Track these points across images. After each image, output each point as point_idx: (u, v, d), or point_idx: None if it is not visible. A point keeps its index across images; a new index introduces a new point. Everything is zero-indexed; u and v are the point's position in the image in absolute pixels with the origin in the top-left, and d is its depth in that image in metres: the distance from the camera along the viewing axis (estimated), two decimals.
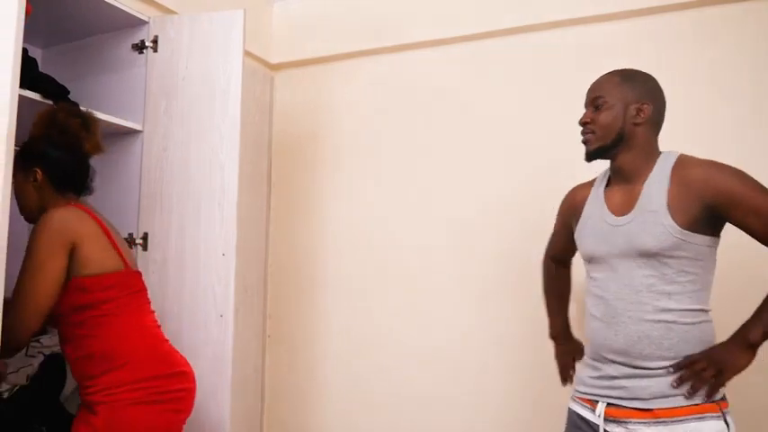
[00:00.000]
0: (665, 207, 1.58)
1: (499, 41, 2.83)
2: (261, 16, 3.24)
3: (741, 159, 1.55)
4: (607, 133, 1.69)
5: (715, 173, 1.57)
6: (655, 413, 1.54)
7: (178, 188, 2.38)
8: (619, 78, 1.71)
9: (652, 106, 1.68)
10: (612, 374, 1.63)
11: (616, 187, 1.74)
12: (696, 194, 1.56)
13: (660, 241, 1.57)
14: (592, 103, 1.73)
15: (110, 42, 2.56)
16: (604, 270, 1.69)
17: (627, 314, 1.61)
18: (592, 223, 1.76)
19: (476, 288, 2.79)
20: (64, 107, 1.98)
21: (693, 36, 2.46)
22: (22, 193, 1.90)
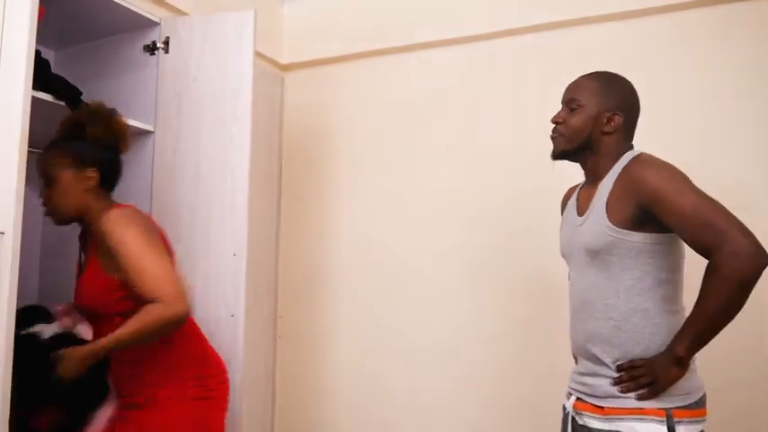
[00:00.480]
0: (603, 206, 1.60)
1: (509, 41, 2.82)
2: (271, 17, 3.25)
3: (743, 159, 1.53)
4: (574, 137, 1.70)
5: (648, 171, 1.54)
6: (605, 411, 1.57)
7: (189, 189, 2.39)
8: (597, 84, 1.71)
9: (623, 117, 1.68)
10: (581, 370, 1.68)
11: (585, 187, 1.77)
12: (630, 192, 1.55)
13: (597, 240, 1.59)
14: (567, 104, 1.73)
15: (121, 44, 2.57)
16: (571, 269, 1.75)
17: (583, 312, 1.65)
18: (565, 223, 1.81)
19: (487, 289, 2.79)
20: (104, 107, 1.95)
21: (695, 36, 2.44)
22: (65, 194, 1.83)
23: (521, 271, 2.70)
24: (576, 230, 1.70)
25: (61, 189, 1.82)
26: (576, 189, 1.86)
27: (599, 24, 2.60)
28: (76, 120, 1.89)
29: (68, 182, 1.83)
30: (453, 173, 2.91)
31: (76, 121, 1.88)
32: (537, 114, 2.69)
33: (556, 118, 1.74)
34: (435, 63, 2.98)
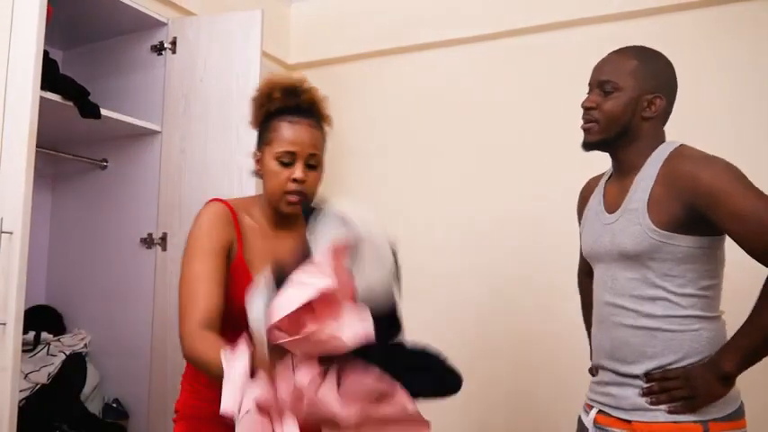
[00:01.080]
0: (644, 205, 1.43)
1: (515, 41, 2.80)
2: (278, 17, 3.25)
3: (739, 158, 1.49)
4: (612, 125, 1.50)
5: (701, 168, 1.38)
6: (633, 426, 1.43)
7: (196, 188, 2.39)
8: (635, 62, 1.50)
9: (666, 100, 1.51)
10: (605, 380, 1.53)
11: (615, 181, 1.59)
12: (678, 191, 1.39)
13: (636, 243, 1.43)
14: (600, 87, 1.52)
15: (129, 44, 2.58)
16: (598, 270, 1.58)
17: (611, 318, 1.50)
18: (590, 220, 1.63)
19: (491, 287, 2.77)
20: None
21: (699, 36, 2.42)
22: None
23: (522, 270, 2.68)
24: (606, 230, 1.53)
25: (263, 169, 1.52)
26: (598, 181, 1.70)
27: (598, 25, 2.58)
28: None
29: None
30: (461, 172, 2.90)
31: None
32: (542, 113, 2.70)
33: (588, 103, 1.53)
34: (441, 63, 2.97)
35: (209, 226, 1.44)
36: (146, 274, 2.44)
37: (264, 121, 1.52)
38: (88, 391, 2.38)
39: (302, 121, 1.48)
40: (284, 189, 1.46)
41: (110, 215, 2.57)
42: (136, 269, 2.47)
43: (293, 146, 1.46)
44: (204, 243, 1.42)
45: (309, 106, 1.52)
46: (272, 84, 1.51)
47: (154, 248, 2.44)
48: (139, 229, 2.47)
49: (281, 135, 1.47)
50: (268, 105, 1.50)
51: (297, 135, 1.46)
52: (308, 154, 1.47)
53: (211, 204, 1.50)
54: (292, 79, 1.52)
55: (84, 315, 2.57)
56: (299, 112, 1.49)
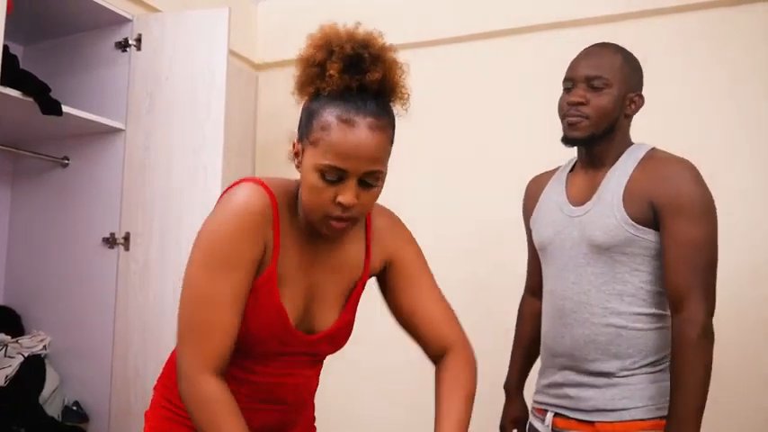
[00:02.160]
0: (620, 198, 1.43)
1: (485, 43, 2.81)
2: (245, 15, 3.22)
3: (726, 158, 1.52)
4: (603, 121, 1.47)
5: (670, 172, 1.41)
6: (596, 427, 1.43)
7: (161, 188, 2.36)
8: (621, 59, 1.50)
9: (642, 99, 1.53)
10: (560, 382, 1.51)
11: (580, 173, 1.57)
12: (648, 188, 1.41)
13: (611, 236, 1.42)
14: (587, 82, 1.48)
15: (93, 40, 2.53)
16: (555, 264, 1.54)
17: (573, 315, 1.47)
18: (548, 211, 1.59)
19: (480, 288, 2.76)
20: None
21: (696, 39, 2.46)
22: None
23: (507, 270, 2.69)
24: (574, 222, 1.50)
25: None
26: (548, 176, 1.69)
27: (586, 27, 2.59)
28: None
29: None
30: (432, 174, 2.89)
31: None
32: (526, 114, 2.70)
33: (577, 98, 1.48)
34: (414, 65, 2.96)
35: (245, 225, 1.09)
36: (108, 275, 2.40)
37: (312, 101, 1.11)
38: (47, 394, 2.33)
39: (362, 120, 1.05)
40: (325, 212, 1.09)
41: (71, 214, 2.52)
42: (97, 269, 2.42)
43: (344, 161, 1.05)
44: (234, 250, 1.08)
45: (380, 87, 1.10)
46: (328, 44, 1.10)
47: (116, 248, 2.40)
48: (101, 229, 2.43)
49: (330, 141, 1.05)
50: (318, 82, 1.09)
51: (351, 146, 1.04)
52: (363, 172, 1.07)
53: (249, 189, 1.11)
54: (357, 36, 1.12)
55: (43, 316, 2.52)
56: (360, 102, 1.07)
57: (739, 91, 2.37)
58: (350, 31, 1.12)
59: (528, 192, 1.75)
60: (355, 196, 1.07)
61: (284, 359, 1.22)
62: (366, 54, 1.08)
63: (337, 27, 1.12)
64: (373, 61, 1.08)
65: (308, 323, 1.23)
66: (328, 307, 1.25)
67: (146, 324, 2.31)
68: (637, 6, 2.54)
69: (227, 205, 1.11)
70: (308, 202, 1.10)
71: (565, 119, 1.52)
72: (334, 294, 1.26)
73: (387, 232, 1.31)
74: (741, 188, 2.29)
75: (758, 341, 2.26)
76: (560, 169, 1.67)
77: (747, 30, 2.38)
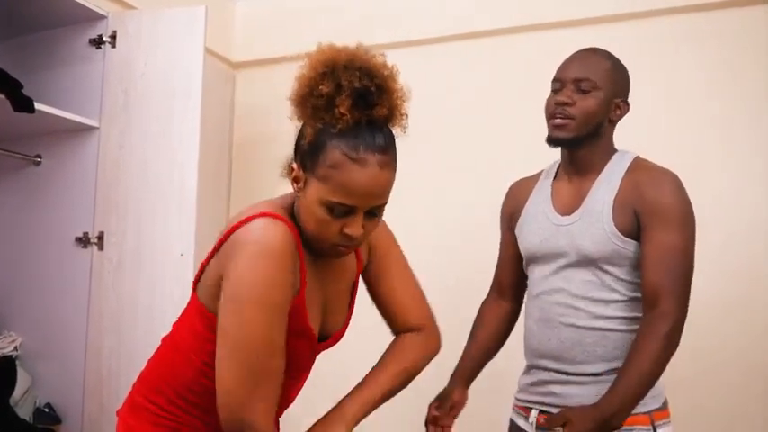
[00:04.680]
0: (609, 210, 1.46)
1: (470, 43, 2.81)
2: (222, 14, 3.20)
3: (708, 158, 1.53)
4: (588, 123, 1.49)
5: (655, 181, 1.46)
6: None
7: (135, 187, 2.33)
8: (610, 64, 1.52)
9: (628, 106, 1.56)
10: (545, 380, 1.54)
11: (565, 180, 1.59)
12: (633, 199, 1.45)
13: (599, 247, 1.46)
14: (574, 84, 1.50)
15: (66, 36, 2.50)
16: (543, 271, 1.57)
17: (560, 319, 1.50)
18: (534, 219, 1.61)
19: (468, 290, 2.75)
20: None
21: (687, 40, 2.49)
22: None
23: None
24: (562, 231, 1.53)
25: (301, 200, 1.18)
26: (533, 182, 1.70)
27: (575, 28, 2.61)
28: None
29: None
30: (411, 175, 2.88)
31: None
32: (513, 114, 2.71)
33: (564, 98, 1.49)
34: (397, 65, 2.95)
35: (281, 266, 1.07)
36: (81, 275, 2.37)
37: (318, 134, 1.09)
38: (18, 396, 2.30)
39: (373, 158, 1.05)
40: (331, 242, 1.12)
41: (43, 213, 2.48)
42: (70, 269, 2.39)
43: (353, 199, 1.06)
44: (277, 294, 1.07)
45: (385, 119, 1.10)
46: (335, 74, 1.06)
47: (90, 248, 2.37)
48: (75, 228, 2.40)
49: (340, 180, 1.05)
50: (325, 116, 1.07)
51: (361, 185, 1.05)
52: (371, 206, 1.10)
53: (274, 229, 1.09)
54: (366, 66, 1.08)
55: (14, 316, 2.48)
56: (369, 138, 1.06)
57: (716, 93, 2.41)
58: (351, 55, 1.09)
59: (508, 195, 1.77)
60: (361, 228, 1.10)
61: (298, 366, 1.27)
62: (373, 87, 1.07)
63: (338, 49, 1.10)
64: (380, 94, 1.07)
65: (323, 331, 1.28)
66: (338, 311, 1.32)
67: (119, 324, 2.28)
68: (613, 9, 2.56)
69: (262, 250, 1.08)
70: (314, 232, 1.12)
71: (551, 119, 1.53)
72: (342, 298, 1.33)
73: None
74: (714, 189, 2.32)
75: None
76: (543, 175, 1.69)
77: (725, 34, 2.42)
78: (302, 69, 1.11)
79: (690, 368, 2.31)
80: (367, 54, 1.10)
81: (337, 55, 1.09)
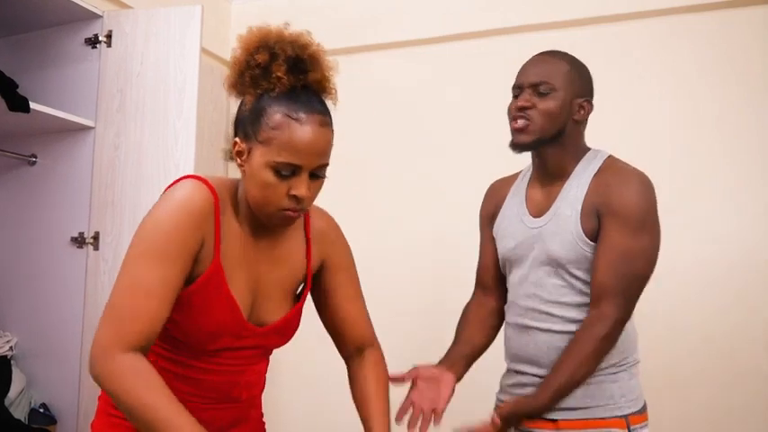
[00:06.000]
0: (577, 214, 1.46)
1: (468, 44, 2.82)
2: (218, 13, 3.20)
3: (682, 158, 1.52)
4: (549, 125, 1.49)
5: (619, 181, 1.45)
6: (558, 424, 1.46)
7: (131, 187, 2.33)
8: (568, 66, 1.52)
9: (591, 105, 1.55)
10: (523, 382, 1.55)
11: (538, 184, 1.59)
12: (597, 200, 1.45)
13: (567, 251, 1.46)
14: (533, 87, 1.50)
15: (61, 36, 2.49)
16: (518, 275, 1.57)
17: (535, 324, 1.51)
18: (509, 222, 1.61)
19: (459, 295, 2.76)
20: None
21: (679, 41, 2.50)
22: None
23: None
24: (533, 233, 1.53)
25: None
26: (509, 183, 1.70)
27: (575, 28, 2.62)
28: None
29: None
30: (409, 175, 2.88)
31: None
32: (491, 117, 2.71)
33: (522, 102, 1.50)
34: (391, 64, 2.96)
35: (183, 219, 1.10)
36: (76, 275, 2.36)
37: (257, 101, 1.13)
38: (13, 396, 2.29)
39: (313, 118, 1.11)
40: (279, 206, 1.14)
41: (39, 213, 2.48)
42: (66, 269, 2.39)
43: (298, 157, 1.10)
44: (170, 241, 1.09)
45: (318, 85, 1.17)
46: (268, 45, 1.13)
47: (85, 248, 2.36)
48: (70, 228, 2.39)
49: (283, 139, 1.09)
50: (263, 83, 1.12)
51: (305, 142, 1.10)
52: (315, 165, 1.13)
53: (190, 185, 1.14)
54: (297, 39, 1.16)
55: (9, 316, 2.47)
56: (306, 100, 1.12)
57: (716, 93, 2.42)
58: (281, 32, 1.17)
59: (487, 195, 1.77)
60: (308, 188, 1.14)
61: (236, 355, 1.24)
62: (306, 56, 1.14)
63: (269, 28, 1.17)
64: (312, 62, 1.15)
65: (256, 316, 1.26)
66: (275, 300, 1.29)
67: None
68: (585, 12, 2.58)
69: (168, 200, 1.13)
70: (260, 198, 1.14)
71: (511, 123, 1.54)
72: (281, 288, 1.30)
73: (325, 234, 1.37)
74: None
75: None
76: (520, 177, 1.69)
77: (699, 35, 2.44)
78: (234, 52, 1.17)
79: (682, 370, 2.34)
80: (295, 31, 1.18)
81: (268, 32, 1.16)
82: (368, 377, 1.38)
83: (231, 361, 1.24)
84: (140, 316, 1.07)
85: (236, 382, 1.27)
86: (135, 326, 1.06)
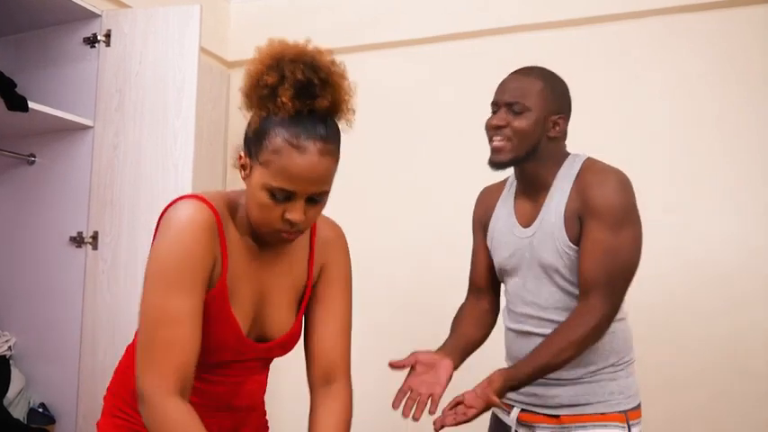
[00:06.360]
0: (561, 221, 1.50)
1: (463, 44, 2.82)
2: (217, 13, 3.19)
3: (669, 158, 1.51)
4: (523, 143, 1.52)
5: (597, 181, 1.48)
6: (561, 419, 1.52)
7: (130, 186, 2.33)
8: (541, 84, 1.54)
9: (567, 120, 1.58)
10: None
11: (523, 194, 1.63)
12: (578, 204, 1.48)
13: (555, 258, 1.50)
14: (507, 107, 1.53)
15: (60, 35, 2.49)
16: (515, 283, 1.61)
17: (535, 330, 1.54)
18: (501, 234, 1.65)
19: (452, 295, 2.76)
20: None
21: (674, 42, 2.50)
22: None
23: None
24: (524, 243, 1.57)
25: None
26: (499, 189, 1.73)
27: (575, 28, 2.62)
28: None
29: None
30: (407, 175, 2.88)
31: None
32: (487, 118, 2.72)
33: (498, 121, 1.54)
34: (389, 64, 2.96)
35: (193, 242, 1.10)
36: (75, 274, 2.36)
37: (262, 122, 1.12)
38: (12, 396, 2.29)
39: (313, 146, 1.09)
40: (274, 227, 1.14)
41: (37, 212, 2.47)
42: (65, 269, 2.39)
43: (293, 184, 1.09)
44: (187, 268, 1.10)
45: (327, 111, 1.13)
46: (279, 66, 1.09)
47: (84, 247, 2.36)
48: (69, 228, 2.39)
49: (280, 164, 1.08)
50: (269, 104, 1.10)
51: (301, 170, 1.08)
52: (312, 193, 1.12)
53: (192, 207, 1.13)
54: (312, 60, 1.11)
55: (8, 316, 2.47)
56: (310, 126, 1.10)
57: (716, 93, 2.42)
58: (299, 50, 1.12)
59: (478, 201, 1.80)
60: (303, 213, 1.12)
61: (238, 366, 1.25)
62: (316, 80, 1.10)
63: (287, 44, 1.14)
64: (323, 86, 1.11)
65: (259, 329, 1.26)
66: (280, 312, 1.28)
67: (114, 324, 2.28)
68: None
69: (173, 226, 1.12)
70: (257, 217, 1.15)
71: (489, 142, 1.57)
72: (285, 300, 1.29)
73: (329, 244, 1.34)
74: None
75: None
76: (507, 187, 1.71)
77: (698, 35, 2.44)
78: (251, 63, 1.14)
79: (681, 370, 2.33)
80: (315, 50, 1.14)
81: (285, 49, 1.12)
82: (327, 419, 1.28)
83: (232, 372, 1.25)
84: (177, 347, 1.08)
85: (236, 391, 1.27)
86: (175, 361, 1.07)
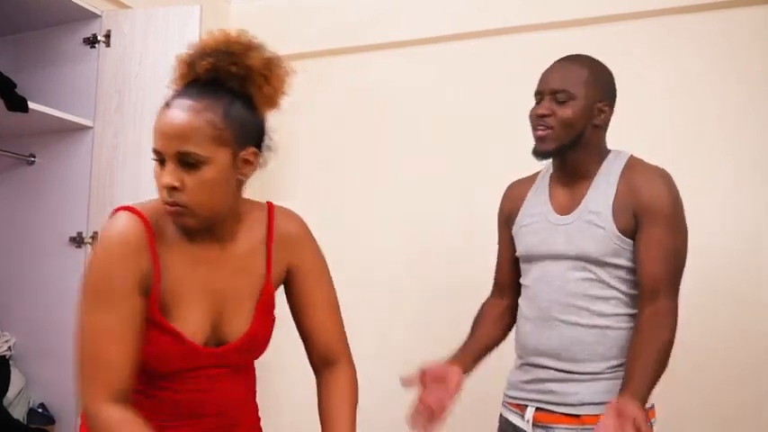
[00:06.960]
0: (609, 211, 1.50)
1: (467, 43, 2.81)
2: (217, 13, 3.18)
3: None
4: (568, 132, 1.52)
5: (649, 181, 1.49)
6: (582, 420, 1.47)
7: (129, 187, 2.33)
8: (587, 72, 1.54)
9: (612, 108, 1.58)
10: (542, 378, 1.54)
11: (561, 184, 1.62)
12: (631, 200, 1.49)
13: (599, 247, 1.49)
14: (552, 95, 1.53)
15: (60, 35, 2.49)
16: (540, 271, 1.59)
17: (560, 317, 1.52)
18: (532, 219, 1.63)
19: (447, 292, 2.76)
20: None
21: (680, 41, 2.49)
22: (221, 184, 1.12)
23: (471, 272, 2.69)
24: (559, 230, 1.55)
25: (213, 176, 1.11)
26: (528, 183, 1.72)
27: (574, 28, 2.60)
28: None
29: (223, 166, 1.12)
30: (410, 176, 2.88)
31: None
32: (491, 117, 2.72)
33: (543, 110, 1.53)
34: (389, 64, 2.95)
35: (116, 257, 1.08)
36: (74, 275, 2.33)
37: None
38: (12, 396, 2.29)
39: (177, 102, 1.10)
40: (163, 199, 1.10)
41: (37, 213, 2.48)
42: (64, 269, 2.39)
43: (157, 141, 1.08)
44: (112, 281, 1.07)
45: (209, 77, 1.14)
46: (203, 53, 1.18)
47: (84, 248, 2.36)
48: (68, 228, 2.39)
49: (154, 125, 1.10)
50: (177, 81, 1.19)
51: (162, 125, 1.08)
52: (175, 152, 1.06)
53: (119, 220, 1.11)
54: (205, 42, 1.18)
55: (7, 316, 2.47)
56: (185, 89, 1.14)
57: (717, 93, 2.41)
58: (224, 39, 1.17)
59: (505, 196, 1.79)
60: (175, 179, 1.07)
61: (196, 373, 1.20)
62: (202, 50, 1.16)
63: (215, 34, 1.18)
64: (207, 54, 1.15)
65: (219, 335, 1.21)
66: (239, 315, 1.23)
67: None
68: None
69: (102, 239, 1.12)
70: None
71: (533, 131, 1.57)
72: (244, 299, 1.24)
73: (291, 239, 1.32)
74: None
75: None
76: (540, 176, 1.70)
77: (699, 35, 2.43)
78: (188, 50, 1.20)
79: (681, 369, 2.32)
80: (242, 42, 1.18)
81: (218, 38, 1.17)
82: (333, 396, 1.32)
83: (193, 380, 1.20)
84: (110, 361, 1.06)
85: (202, 399, 1.22)
86: (109, 373, 1.06)
